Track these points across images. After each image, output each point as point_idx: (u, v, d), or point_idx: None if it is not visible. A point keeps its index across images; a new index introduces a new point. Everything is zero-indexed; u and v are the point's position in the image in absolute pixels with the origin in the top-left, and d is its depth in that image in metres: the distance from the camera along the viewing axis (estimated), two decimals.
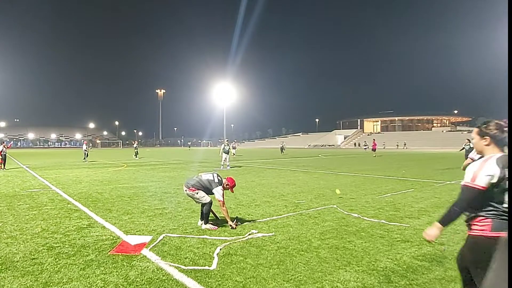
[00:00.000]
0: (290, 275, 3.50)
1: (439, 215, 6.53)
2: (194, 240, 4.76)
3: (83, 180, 12.51)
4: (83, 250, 4.30)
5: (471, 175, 2.14)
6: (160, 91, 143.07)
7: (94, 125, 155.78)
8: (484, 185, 2.08)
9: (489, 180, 2.08)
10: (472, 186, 2.12)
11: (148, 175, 14.25)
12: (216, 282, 3.34)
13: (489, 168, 2.09)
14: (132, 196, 8.59)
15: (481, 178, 2.09)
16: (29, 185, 11.03)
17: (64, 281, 3.38)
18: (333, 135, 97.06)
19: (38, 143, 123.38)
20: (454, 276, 3.48)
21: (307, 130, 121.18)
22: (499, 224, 2.08)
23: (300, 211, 6.69)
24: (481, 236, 2.14)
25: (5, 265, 3.80)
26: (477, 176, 2.11)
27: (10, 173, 15.15)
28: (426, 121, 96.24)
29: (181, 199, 8.18)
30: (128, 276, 3.48)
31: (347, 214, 6.37)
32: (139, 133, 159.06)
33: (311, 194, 8.89)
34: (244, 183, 11.20)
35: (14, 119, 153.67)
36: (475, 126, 2.36)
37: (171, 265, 3.77)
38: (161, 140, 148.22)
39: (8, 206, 7.31)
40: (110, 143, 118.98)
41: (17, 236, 4.97)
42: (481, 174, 2.10)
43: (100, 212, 6.67)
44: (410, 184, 10.75)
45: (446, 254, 4.15)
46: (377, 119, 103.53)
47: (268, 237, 4.86)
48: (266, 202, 7.76)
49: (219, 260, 3.93)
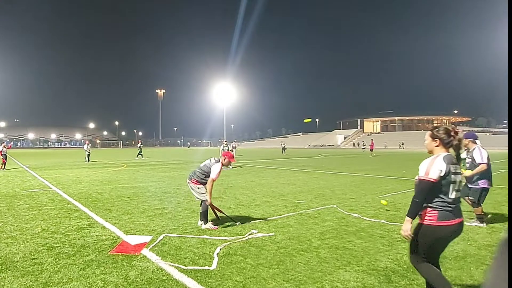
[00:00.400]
0: (290, 275, 3.50)
1: None
2: (194, 240, 4.76)
3: (83, 180, 12.51)
4: (83, 250, 4.30)
5: (425, 170, 2.58)
6: (160, 91, 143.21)
7: (94, 125, 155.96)
8: (435, 177, 2.53)
9: (438, 173, 2.53)
10: (426, 179, 2.55)
11: (148, 175, 14.25)
12: (216, 282, 3.34)
13: (438, 164, 2.56)
14: (132, 196, 8.58)
15: (433, 172, 2.54)
16: (29, 185, 11.03)
17: (64, 281, 3.38)
18: (333, 135, 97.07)
19: (38, 143, 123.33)
20: (454, 276, 3.48)
21: (307, 130, 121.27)
22: (444, 214, 2.54)
23: (300, 211, 6.69)
24: (429, 225, 2.58)
25: (5, 265, 3.80)
26: (430, 171, 2.55)
27: (10, 173, 15.15)
28: (426, 121, 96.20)
29: (181, 199, 8.18)
30: (128, 276, 3.48)
31: (347, 214, 6.37)
32: (139, 133, 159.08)
33: (311, 194, 8.89)
34: (244, 183, 11.19)
35: (14, 119, 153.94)
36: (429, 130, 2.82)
37: (171, 265, 3.77)
38: (161, 140, 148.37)
39: (8, 206, 7.31)
40: (110, 143, 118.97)
41: (17, 236, 4.97)
42: (433, 169, 2.55)
43: (100, 212, 6.67)
44: (410, 184, 10.73)
45: (446, 254, 4.15)
46: (377, 119, 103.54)
47: (268, 237, 4.85)
48: (266, 202, 7.76)
49: (219, 260, 3.92)
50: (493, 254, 3.42)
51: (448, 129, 2.70)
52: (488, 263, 3.83)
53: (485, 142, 41.28)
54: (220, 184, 10.92)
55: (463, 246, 4.46)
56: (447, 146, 2.69)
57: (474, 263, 3.87)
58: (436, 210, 2.56)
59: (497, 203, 7.32)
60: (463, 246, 4.48)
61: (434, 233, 2.57)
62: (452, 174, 2.55)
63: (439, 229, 2.54)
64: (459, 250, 4.31)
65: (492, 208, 6.82)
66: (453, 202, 2.57)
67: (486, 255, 4.10)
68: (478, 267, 3.73)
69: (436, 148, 2.72)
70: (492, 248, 4.37)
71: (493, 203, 7.23)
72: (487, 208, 6.69)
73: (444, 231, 2.56)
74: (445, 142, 2.68)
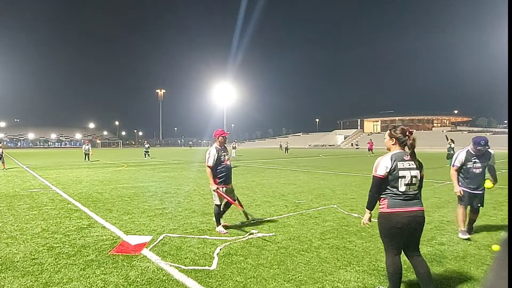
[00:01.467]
0: (290, 275, 3.50)
1: (439, 215, 6.54)
2: (195, 240, 4.76)
3: (83, 180, 12.51)
4: (83, 250, 4.30)
5: (375, 167, 2.93)
6: (160, 91, 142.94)
7: (94, 125, 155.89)
8: (382, 174, 2.85)
9: (385, 170, 2.84)
10: (376, 176, 2.90)
11: (148, 175, 14.25)
12: (216, 282, 3.34)
13: (385, 162, 2.88)
14: (132, 196, 8.58)
15: (380, 169, 2.88)
16: (29, 185, 11.03)
17: (64, 281, 3.38)
18: (333, 135, 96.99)
19: (38, 143, 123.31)
20: (454, 277, 3.48)
21: (307, 130, 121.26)
22: (393, 203, 2.85)
23: (300, 211, 6.69)
24: (382, 213, 2.91)
25: (5, 265, 3.80)
26: (378, 168, 2.90)
27: (10, 173, 15.15)
28: (426, 121, 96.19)
29: (181, 199, 8.18)
30: (128, 276, 3.48)
31: (348, 214, 6.36)
32: (139, 133, 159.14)
33: (312, 194, 8.89)
34: (244, 183, 11.19)
35: (14, 119, 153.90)
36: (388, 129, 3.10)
37: (172, 265, 3.77)
38: (161, 140, 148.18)
39: (8, 206, 7.31)
40: (110, 143, 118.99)
41: (17, 236, 4.97)
42: (380, 166, 2.89)
43: (100, 212, 6.67)
44: None
45: (446, 254, 4.15)
46: (377, 119, 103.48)
47: (269, 237, 4.85)
48: (266, 202, 7.76)
49: (219, 260, 3.92)
50: (493, 254, 3.42)
51: (404, 130, 3.01)
52: (488, 263, 3.82)
53: None
54: None
55: (463, 246, 4.46)
56: (402, 145, 2.98)
57: (474, 263, 3.87)
58: (386, 199, 2.89)
59: (497, 203, 7.32)
60: (463, 246, 4.48)
61: (387, 221, 2.84)
62: (400, 170, 2.83)
63: (390, 216, 2.83)
64: (459, 250, 4.31)
65: (492, 208, 6.81)
66: (403, 194, 2.83)
67: (486, 255, 4.10)
68: (478, 267, 3.73)
69: (393, 146, 3.02)
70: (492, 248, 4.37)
71: (493, 203, 7.23)
72: (487, 208, 6.70)
73: (395, 218, 2.80)
74: (401, 141, 2.97)
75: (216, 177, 5.18)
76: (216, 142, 5.30)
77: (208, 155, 5.16)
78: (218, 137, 5.29)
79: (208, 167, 5.17)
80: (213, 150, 5.18)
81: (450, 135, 25.32)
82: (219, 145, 5.28)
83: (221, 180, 5.19)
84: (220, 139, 5.30)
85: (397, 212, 2.81)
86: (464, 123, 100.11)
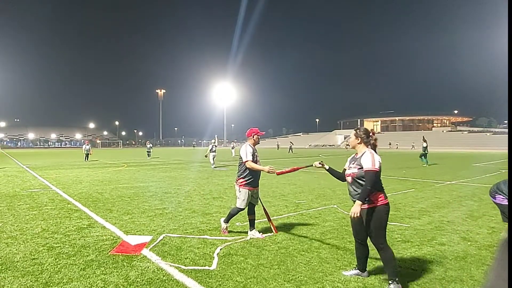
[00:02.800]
0: (291, 275, 3.50)
1: (440, 215, 6.52)
2: (195, 240, 4.76)
3: (83, 180, 12.51)
4: (83, 250, 4.30)
5: (371, 163, 3.17)
6: (160, 91, 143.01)
7: (94, 125, 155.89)
8: (378, 167, 3.17)
9: (379, 164, 3.19)
10: (374, 169, 3.14)
11: (149, 175, 14.25)
12: (216, 282, 3.34)
13: (376, 157, 3.23)
14: (132, 196, 8.58)
15: (377, 163, 3.18)
16: (29, 185, 11.03)
17: (64, 281, 3.38)
18: (333, 135, 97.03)
19: (38, 143, 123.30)
20: (454, 276, 3.48)
21: (308, 130, 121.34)
22: (385, 195, 3.26)
23: (300, 211, 6.69)
24: (383, 204, 3.20)
25: (5, 265, 3.79)
26: (375, 162, 3.17)
27: (10, 173, 15.15)
28: (426, 121, 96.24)
29: (181, 199, 8.18)
30: (128, 276, 3.48)
31: (348, 214, 6.35)
32: (139, 133, 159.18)
33: (312, 194, 8.89)
34: None
35: (14, 119, 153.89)
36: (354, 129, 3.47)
37: (172, 265, 3.77)
38: (162, 140, 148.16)
39: (8, 206, 7.31)
40: (110, 143, 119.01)
41: (17, 236, 4.96)
42: (375, 161, 3.18)
43: (100, 212, 6.67)
44: (410, 184, 10.74)
45: (446, 255, 4.14)
46: (377, 119, 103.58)
47: (269, 237, 4.85)
48: (266, 202, 7.75)
49: (219, 260, 3.92)
50: (493, 254, 3.42)
51: (367, 130, 3.41)
52: (489, 263, 3.82)
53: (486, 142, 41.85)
54: (220, 184, 10.96)
55: (464, 247, 4.45)
56: (366, 144, 3.36)
57: (475, 263, 3.86)
58: (382, 192, 3.24)
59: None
60: (463, 246, 4.47)
61: (387, 211, 3.22)
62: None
63: (388, 207, 3.24)
64: (459, 250, 4.31)
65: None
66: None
67: (486, 256, 4.10)
68: (478, 268, 3.72)
69: (359, 146, 3.38)
70: (492, 248, 4.36)
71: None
72: (487, 208, 6.70)
73: (388, 207, 3.26)
74: (365, 141, 3.36)
75: (243, 178, 4.89)
76: (250, 141, 5.04)
77: (245, 152, 4.85)
78: (254, 135, 5.04)
79: (250, 161, 4.80)
80: (248, 148, 4.89)
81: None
82: (252, 144, 5.04)
83: (249, 182, 4.88)
84: (255, 137, 5.04)
85: (388, 202, 3.27)
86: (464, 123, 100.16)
